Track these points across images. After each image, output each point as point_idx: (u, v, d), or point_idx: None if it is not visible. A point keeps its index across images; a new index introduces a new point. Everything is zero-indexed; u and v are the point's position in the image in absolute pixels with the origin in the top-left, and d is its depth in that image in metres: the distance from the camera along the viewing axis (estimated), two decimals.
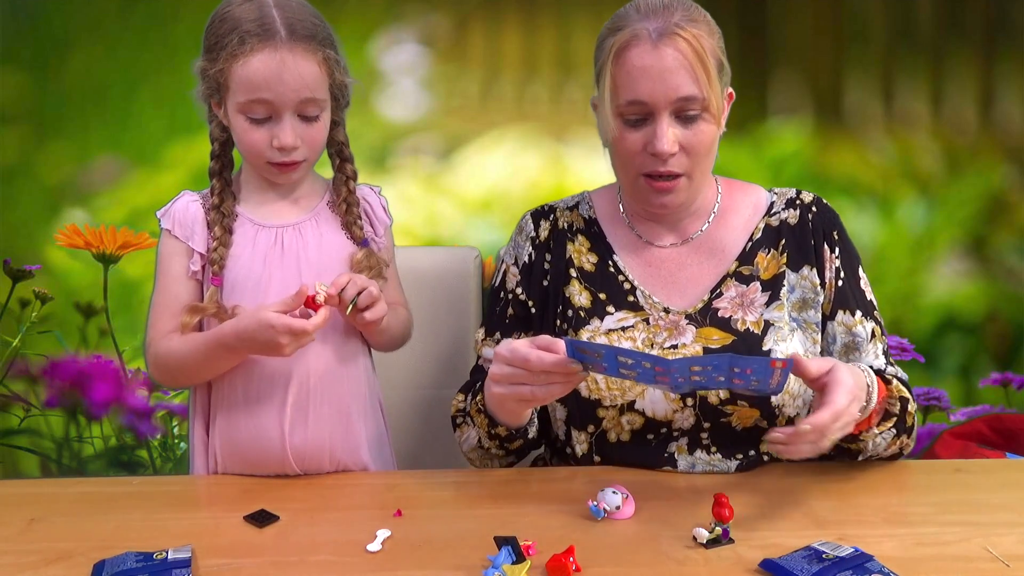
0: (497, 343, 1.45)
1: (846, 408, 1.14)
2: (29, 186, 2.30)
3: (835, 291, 1.41)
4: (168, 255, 1.39)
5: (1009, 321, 2.45)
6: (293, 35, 1.29)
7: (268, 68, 1.28)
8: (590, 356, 1.16)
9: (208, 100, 1.36)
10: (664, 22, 1.30)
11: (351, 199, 1.42)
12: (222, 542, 1.14)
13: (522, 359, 1.18)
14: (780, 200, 1.45)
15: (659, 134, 1.31)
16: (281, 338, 1.25)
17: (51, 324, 2.28)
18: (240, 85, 1.29)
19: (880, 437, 1.29)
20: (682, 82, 1.30)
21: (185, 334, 1.34)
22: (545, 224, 1.49)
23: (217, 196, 1.37)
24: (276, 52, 1.28)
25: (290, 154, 1.33)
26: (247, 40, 1.28)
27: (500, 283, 1.49)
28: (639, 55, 1.30)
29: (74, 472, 2.29)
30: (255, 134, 1.32)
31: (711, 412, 1.35)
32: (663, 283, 1.42)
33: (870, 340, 1.40)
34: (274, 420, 1.35)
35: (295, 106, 1.30)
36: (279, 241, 1.38)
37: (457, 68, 2.34)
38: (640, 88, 1.30)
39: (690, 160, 1.34)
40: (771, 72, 2.36)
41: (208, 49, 1.32)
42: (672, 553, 1.10)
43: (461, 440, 1.42)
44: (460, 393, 1.45)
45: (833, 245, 1.42)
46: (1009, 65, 2.39)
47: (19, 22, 2.26)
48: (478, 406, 1.36)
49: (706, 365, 1.12)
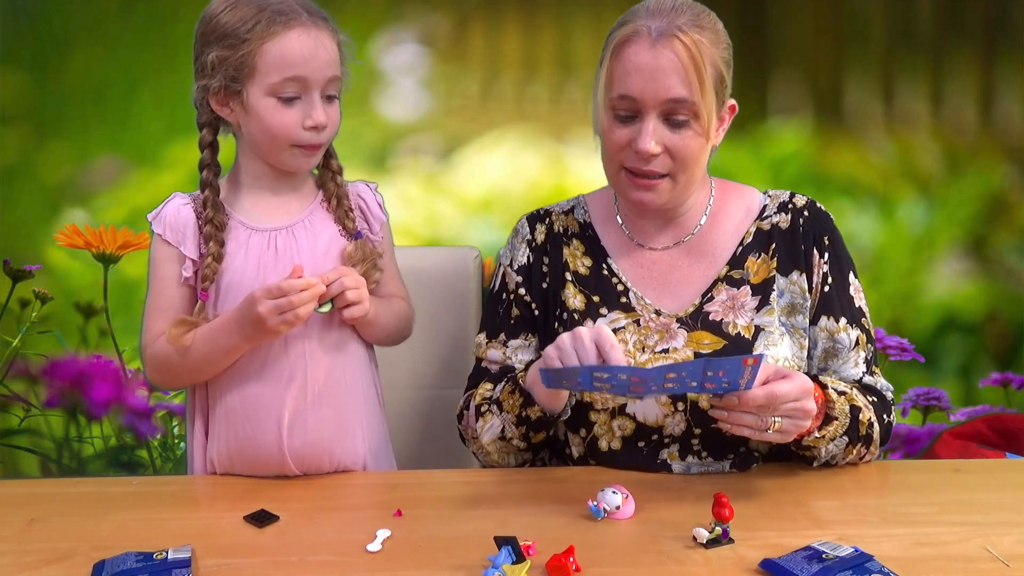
0: (504, 344, 1.45)
1: (785, 393, 1.18)
2: (29, 186, 2.30)
3: (820, 296, 1.40)
4: (160, 260, 1.38)
5: (1009, 321, 2.45)
6: (313, 15, 1.32)
7: (303, 44, 1.30)
8: (568, 380, 1.20)
9: (210, 98, 1.33)
10: (668, 23, 1.30)
11: (340, 192, 1.41)
12: (222, 542, 1.14)
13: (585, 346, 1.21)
14: (773, 203, 1.45)
15: (643, 133, 1.31)
16: (260, 306, 1.25)
17: (51, 324, 2.28)
18: (274, 63, 1.29)
19: (833, 444, 1.30)
20: (673, 84, 1.29)
21: (174, 345, 1.33)
22: (541, 228, 1.49)
23: (211, 208, 1.35)
24: (307, 30, 1.30)
25: (320, 134, 1.33)
26: (277, 19, 1.29)
27: (500, 285, 1.49)
28: (636, 52, 1.30)
29: (74, 472, 2.29)
30: (286, 115, 1.31)
31: (701, 417, 1.34)
32: (655, 285, 1.42)
33: (852, 348, 1.39)
34: (272, 425, 1.34)
35: (323, 85, 1.32)
36: (272, 245, 1.37)
37: (457, 68, 2.34)
38: (632, 84, 1.31)
39: (674, 164, 1.34)
40: (771, 72, 2.36)
41: (223, 36, 1.30)
42: (672, 553, 1.10)
43: (482, 431, 1.38)
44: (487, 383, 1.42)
45: (823, 250, 1.41)
46: (1009, 65, 2.39)
47: (19, 22, 2.26)
48: (513, 385, 1.34)
49: (680, 372, 1.13)
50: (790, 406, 1.20)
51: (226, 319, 1.31)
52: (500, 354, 1.45)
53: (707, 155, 1.37)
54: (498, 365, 1.45)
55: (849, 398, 1.31)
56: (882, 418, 1.35)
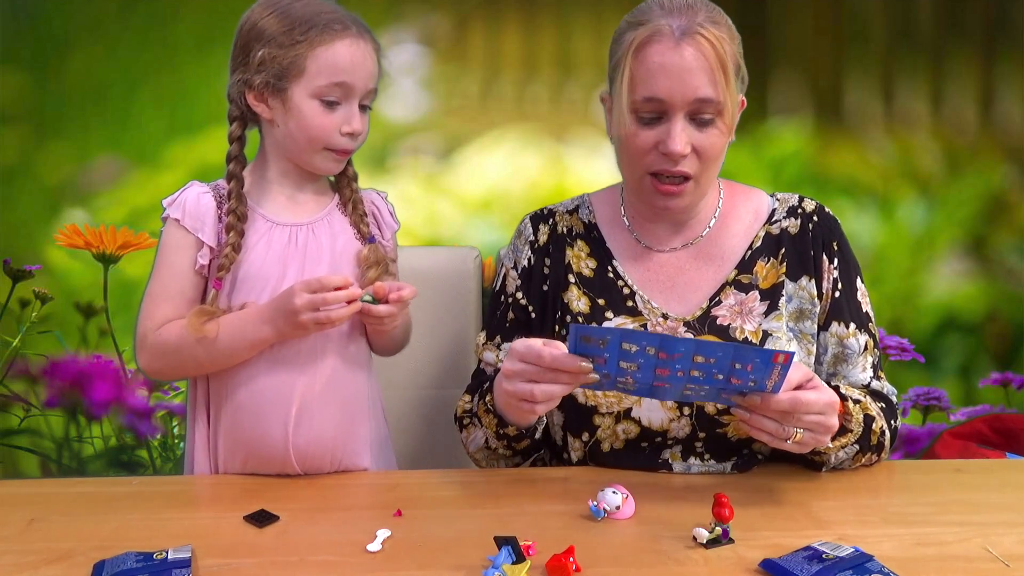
0: (498, 347, 1.45)
1: (811, 403, 1.16)
2: (29, 186, 2.30)
3: (831, 302, 1.40)
4: (174, 246, 1.37)
5: (1009, 321, 2.45)
6: (361, 30, 1.37)
7: (353, 53, 1.35)
8: (595, 345, 1.14)
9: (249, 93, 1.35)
10: (688, 21, 1.28)
11: (356, 198, 1.44)
12: (222, 542, 1.14)
13: (535, 354, 1.18)
14: (782, 207, 1.44)
15: (673, 134, 1.29)
16: (297, 298, 1.27)
17: (51, 324, 2.28)
18: (323, 68, 1.34)
19: (842, 452, 1.29)
20: (701, 83, 1.28)
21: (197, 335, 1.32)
22: (544, 228, 1.48)
23: (235, 199, 1.36)
24: (356, 41, 1.36)
25: (354, 140, 1.38)
26: (332, 26, 1.34)
27: (501, 287, 1.49)
28: (660, 52, 1.28)
29: (74, 472, 2.29)
30: (327, 119, 1.35)
31: (707, 422, 1.34)
32: (662, 288, 1.41)
33: (861, 353, 1.39)
34: (279, 421, 1.35)
35: (364, 94, 1.37)
36: (294, 239, 1.38)
37: (457, 68, 2.35)
38: (659, 85, 1.28)
39: (700, 164, 1.32)
40: (771, 72, 2.36)
41: (274, 36, 1.34)
42: (672, 553, 1.10)
43: (467, 441, 1.41)
44: (466, 394, 1.45)
45: (832, 256, 1.41)
46: (1009, 65, 2.39)
47: (19, 22, 2.26)
48: (486, 406, 1.35)
49: (709, 356, 1.11)
50: (813, 419, 1.17)
51: (258, 310, 1.32)
52: (494, 356, 1.45)
53: (726, 151, 1.36)
54: (492, 367, 1.45)
55: (863, 407, 1.30)
56: (890, 423, 1.35)
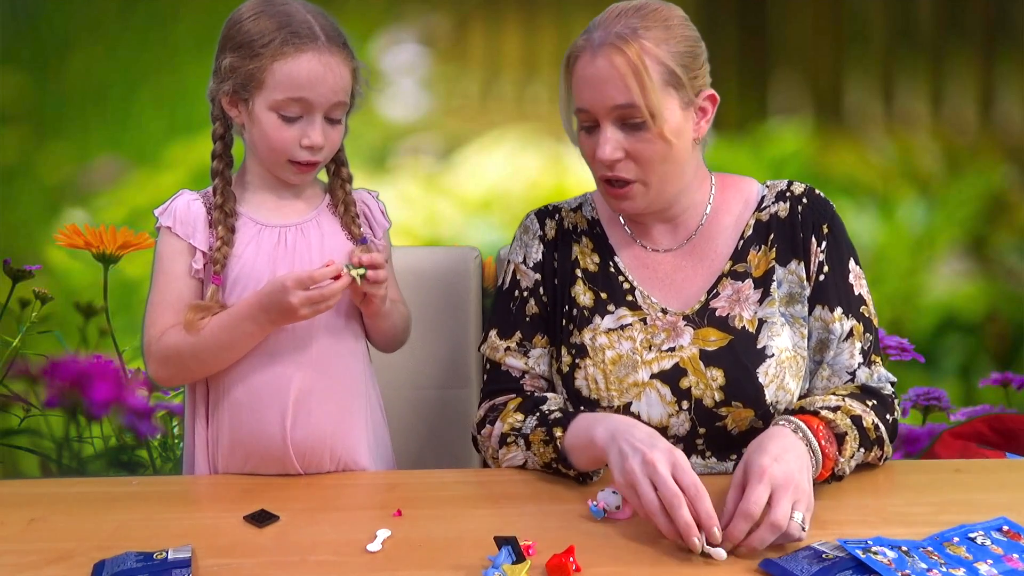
0: (520, 344, 1.45)
1: (757, 498, 1.08)
2: (29, 186, 2.30)
3: (815, 284, 1.39)
4: (169, 254, 1.38)
5: (1009, 321, 2.45)
6: (331, 41, 1.33)
7: (313, 69, 1.31)
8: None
9: (222, 97, 1.36)
10: (605, 32, 1.31)
11: (348, 199, 1.44)
12: (222, 542, 1.14)
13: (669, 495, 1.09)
14: (771, 193, 1.44)
15: (600, 141, 1.34)
16: (291, 296, 1.27)
17: (51, 324, 2.28)
18: (281, 82, 1.31)
19: (854, 460, 1.27)
20: (615, 92, 1.30)
21: (190, 332, 1.34)
22: (551, 223, 1.49)
23: (220, 195, 1.37)
24: (320, 55, 1.32)
25: (316, 154, 1.35)
26: (292, 40, 1.31)
27: (511, 283, 1.49)
28: (582, 65, 1.33)
29: (74, 472, 2.29)
30: (285, 132, 1.34)
31: (706, 415, 1.34)
32: (660, 284, 1.42)
33: (846, 338, 1.37)
34: (276, 416, 1.35)
35: (327, 108, 1.34)
36: (283, 240, 1.38)
37: (457, 68, 2.35)
38: (583, 97, 1.34)
39: (640, 167, 1.34)
40: (771, 72, 2.36)
41: (239, 46, 1.32)
42: (672, 553, 1.10)
43: (503, 458, 1.37)
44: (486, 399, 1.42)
45: (821, 238, 1.40)
46: (1009, 65, 2.39)
47: (19, 22, 2.26)
48: (550, 438, 1.30)
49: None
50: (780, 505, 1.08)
51: (248, 304, 1.32)
52: (522, 363, 1.44)
53: (682, 152, 1.35)
54: (521, 372, 1.44)
55: (845, 410, 1.28)
56: (885, 418, 1.34)
